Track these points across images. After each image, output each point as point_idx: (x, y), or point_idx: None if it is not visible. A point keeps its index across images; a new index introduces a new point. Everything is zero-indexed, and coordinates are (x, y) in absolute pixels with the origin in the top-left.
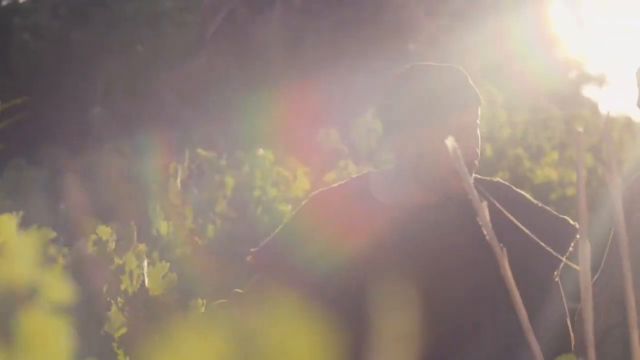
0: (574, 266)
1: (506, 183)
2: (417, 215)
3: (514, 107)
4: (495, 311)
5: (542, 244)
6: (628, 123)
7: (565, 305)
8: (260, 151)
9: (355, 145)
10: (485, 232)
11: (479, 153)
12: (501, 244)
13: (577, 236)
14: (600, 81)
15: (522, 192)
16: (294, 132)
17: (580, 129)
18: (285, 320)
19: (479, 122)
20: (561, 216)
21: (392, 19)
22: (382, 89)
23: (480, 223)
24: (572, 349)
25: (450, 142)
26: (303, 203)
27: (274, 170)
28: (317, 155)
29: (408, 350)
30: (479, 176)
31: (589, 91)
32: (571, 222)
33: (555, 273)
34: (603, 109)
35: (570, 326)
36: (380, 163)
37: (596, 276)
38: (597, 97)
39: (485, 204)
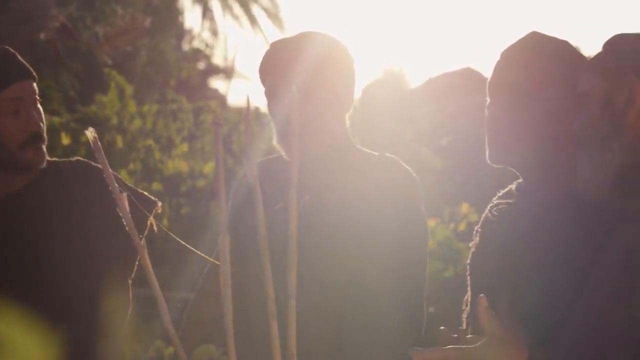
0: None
1: (86, 160)
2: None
3: (144, 98)
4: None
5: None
6: (257, 114)
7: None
8: None
9: None
10: (125, 222)
11: (44, 126)
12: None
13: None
14: (227, 73)
15: (99, 166)
16: None
17: (220, 122)
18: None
19: (37, 97)
20: (142, 192)
21: (22, 8)
22: None
23: (120, 213)
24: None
25: (89, 133)
26: None
27: None
28: None
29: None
30: (56, 159)
31: (216, 83)
32: (152, 198)
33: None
34: (231, 101)
35: None
36: None
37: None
38: (225, 89)
39: (125, 195)
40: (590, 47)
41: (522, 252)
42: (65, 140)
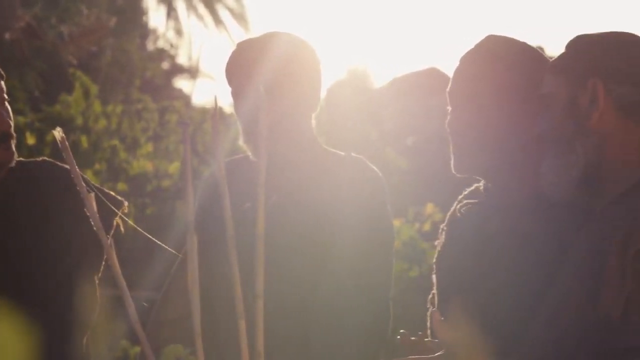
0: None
1: (52, 160)
2: None
3: (108, 98)
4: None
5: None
6: (221, 114)
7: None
8: None
9: None
10: (92, 222)
11: (12, 124)
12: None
13: (122, 210)
14: (192, 72)
15: (65, 166)
16: None
17: (187, 122)
18: None
19: (6, 96)
20: (109, 192)
21: None
22: None
23: (88, 213)
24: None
25: (57, 133)
26: None
27: None
28: None
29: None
30: (23, 159)
31: (180, 82)
32: (119, 198)
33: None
34: (195, 100)
35: None
36: None
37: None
38: (190, 89)
39: (92, 195)
40: (555, 47)
41: (496, 253)
42: (30, 140)
